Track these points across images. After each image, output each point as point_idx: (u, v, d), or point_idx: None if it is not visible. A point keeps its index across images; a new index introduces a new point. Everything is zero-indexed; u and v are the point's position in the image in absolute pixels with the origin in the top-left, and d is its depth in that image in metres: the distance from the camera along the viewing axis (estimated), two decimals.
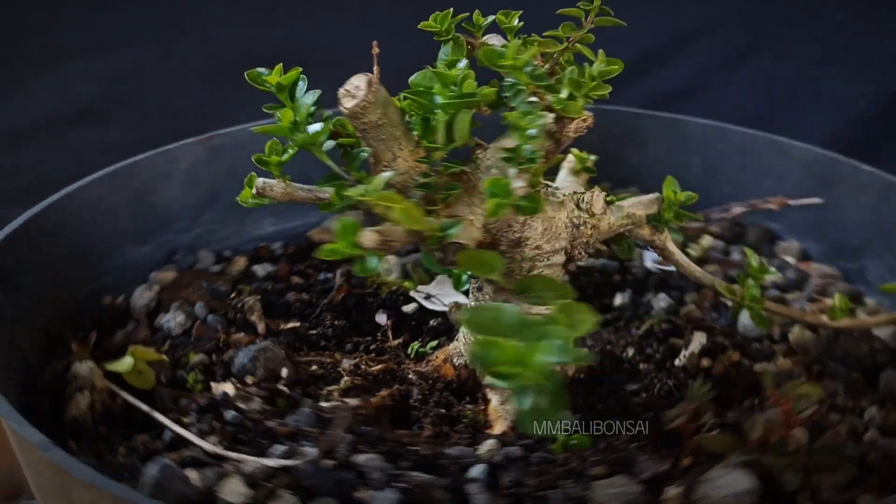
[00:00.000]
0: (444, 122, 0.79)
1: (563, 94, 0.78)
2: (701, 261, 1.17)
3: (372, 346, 1.01)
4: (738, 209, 1.23)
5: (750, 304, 0.90)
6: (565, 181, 1.00)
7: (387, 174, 0.77)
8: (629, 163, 1.36)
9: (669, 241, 0.92)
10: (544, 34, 0.84)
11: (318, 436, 0.83)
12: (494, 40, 0.87)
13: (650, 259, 1.14)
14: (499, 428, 0.87)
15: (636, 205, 0.89)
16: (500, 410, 0.88)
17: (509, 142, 0.80)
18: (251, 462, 0.80)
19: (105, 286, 1.13)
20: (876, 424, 0.88)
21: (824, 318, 0.93)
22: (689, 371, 0.95)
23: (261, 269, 1.18)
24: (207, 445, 0.83)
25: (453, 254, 0.79)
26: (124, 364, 0.92)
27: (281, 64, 0.83)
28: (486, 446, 0.83)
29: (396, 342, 1.01)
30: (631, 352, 0.98)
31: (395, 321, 1.05)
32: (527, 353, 0.64)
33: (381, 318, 1.06)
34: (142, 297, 1.12)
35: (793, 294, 1.13)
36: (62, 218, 1.09)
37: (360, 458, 0.79)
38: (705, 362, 0.95)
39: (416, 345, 1.00)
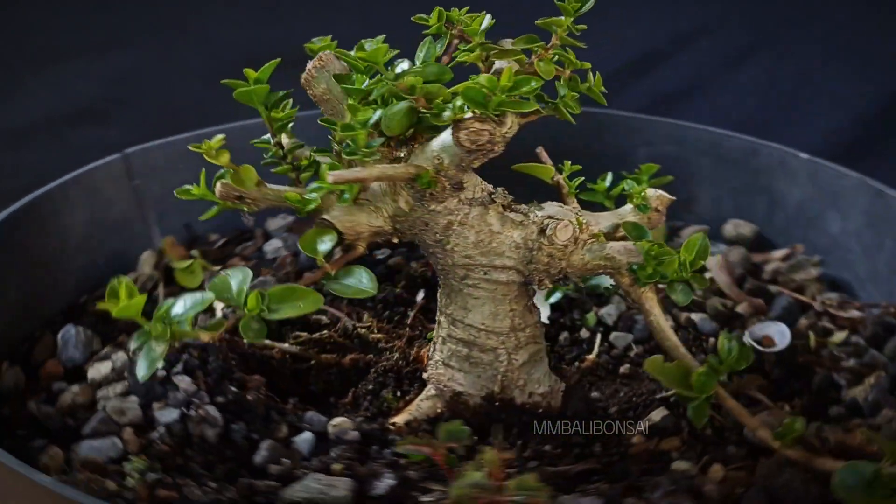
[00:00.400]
0: (353, 105, 0.78)
1: (459, 103, 0.75)
2: (808, 351, 1.01)
3: (401, 318, 1.04)
4: (892, 309, 1.06)
5: (694, 395, 0.80)
6: (620, 213, 0.92)
7: (220, 136, 0.78)
8: (830, 231, 1.19)
9: (649, 298, 0.83)
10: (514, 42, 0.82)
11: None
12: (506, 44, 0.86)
13: (750, 335, 1.01)
14: (398, 419, 0.88)
15: (620, 250, 0.83)
16: (414, 406, 0.89)
17: (435, 142, 0.79)
18: (125, 355, 0.95)
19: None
20: None
21: (769, 439, 0.79)
22: (621, 442, 0.87)
23: None
24: None
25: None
26: (182, 263, 1.10)
27: (330, 36, 0.84)
28: (335, 421, 0.86)
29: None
30: (614, 409, 0.92)
31: None
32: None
33: (419, 296, 1.07)
34: (273, 222, 1.25)
35: (855, 420, 0.92)
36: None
37: (182, 381, 0.90)
38: (636, 439, 0.87)
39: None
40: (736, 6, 1.74)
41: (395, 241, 0.84)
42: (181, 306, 0.72)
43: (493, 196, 0.84)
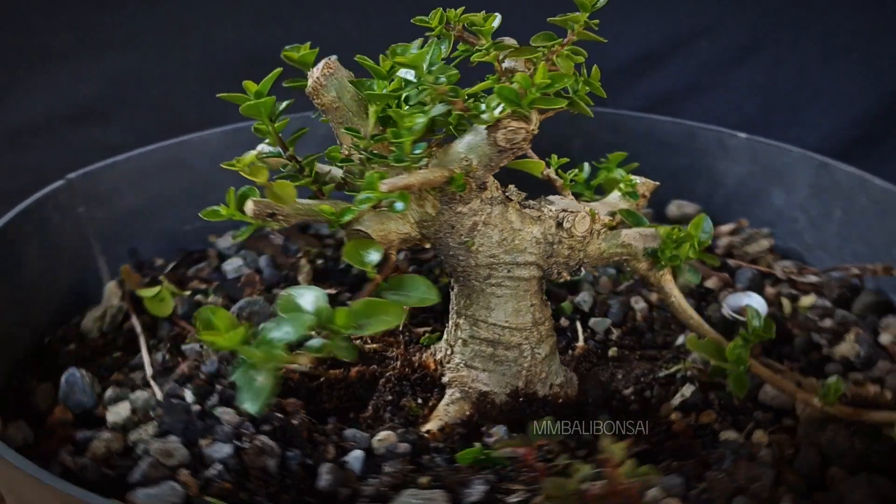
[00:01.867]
0: (375, 112, 0.78)
1: (494, 103, 0.74)
2: (787, 319, 1.06)
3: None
4: (854, 270, 1.10)
5: (729, 365, 0.82)
6: (610, 202, 0.94)
7: (253, 152, 0.78)
8: (775, 204, 1.24)
9: (668, 280, 0.86)
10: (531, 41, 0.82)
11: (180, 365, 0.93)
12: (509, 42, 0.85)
13: (728, 307, 1.04)
14: (430, 426, 0.86)
15: (635, 236, 0.86)
16: (442, 411, 0.88)
17: (460, 144, 0.78)
18: (145, 393, 0.90)
19: (224, 227, 1.23)
20: None
21: (815, 400, 0.82)
22: (657, 420, 0.88)
23: None
24: (149, 371, 0.95)
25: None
26: (149, 291, 1.05)
27: (309, 44, 0.83)
28: (381, 436, 0.84)
29: (423, 330, 1.01)
30: (630, 390, 0.92)
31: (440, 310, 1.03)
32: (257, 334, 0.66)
33: None
34: (225, 240, 1.23)
35: (853, 374, 0.98)
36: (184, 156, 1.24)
37: (225, 414, 0.84)
38: (674, 416, 0.88)
39: (427, 334, 1.00)
40: (736, 6, 1.74)
41: (427, 245, 0.84)
42: (281, 330, 0.65)
43: (507, 194, 0.84)
